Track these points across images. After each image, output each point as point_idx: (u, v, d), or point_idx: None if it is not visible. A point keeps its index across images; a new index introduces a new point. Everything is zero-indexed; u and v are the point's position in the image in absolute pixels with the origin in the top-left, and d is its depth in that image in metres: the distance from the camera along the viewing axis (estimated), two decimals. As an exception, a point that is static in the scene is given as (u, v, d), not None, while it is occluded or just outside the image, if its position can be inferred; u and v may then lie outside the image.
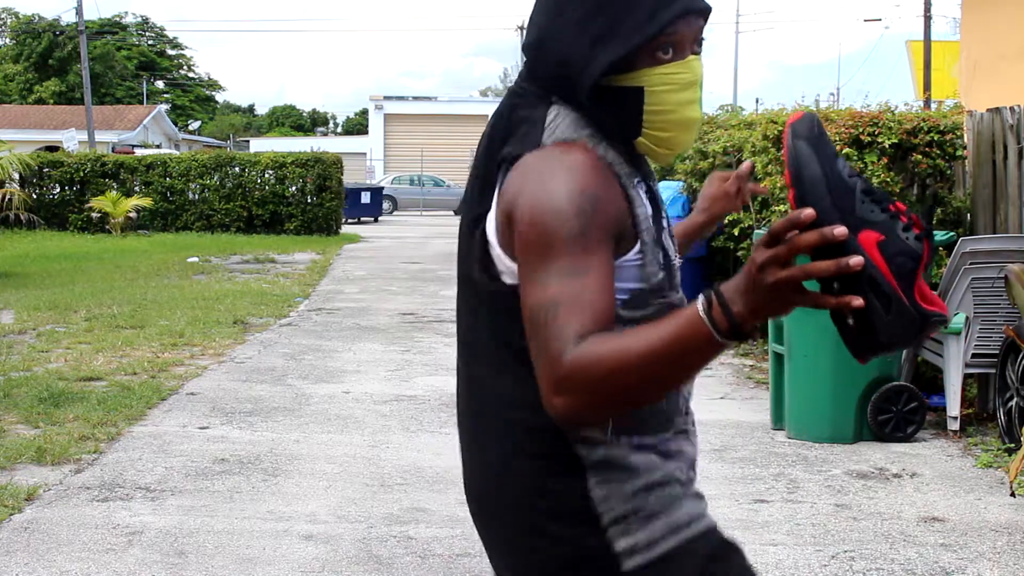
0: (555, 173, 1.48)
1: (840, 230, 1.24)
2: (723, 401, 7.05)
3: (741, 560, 1.66)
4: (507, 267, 1.55)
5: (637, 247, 1.55)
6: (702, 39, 1.60)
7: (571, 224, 1.44)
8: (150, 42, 70.41)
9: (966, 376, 6.13)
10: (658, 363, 1.34)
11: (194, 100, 70.51)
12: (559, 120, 1.58)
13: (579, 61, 1.55)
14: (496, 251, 1.56)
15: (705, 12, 1.59)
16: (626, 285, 1.54)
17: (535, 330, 1.43)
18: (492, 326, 1.61)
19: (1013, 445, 5.47)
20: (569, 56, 1.56)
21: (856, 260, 1.23)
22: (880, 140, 6.79)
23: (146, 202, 22.56)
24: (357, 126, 74.05)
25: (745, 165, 2.20)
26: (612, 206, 1.50)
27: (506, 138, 1.60)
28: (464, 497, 1.75)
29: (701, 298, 1.33)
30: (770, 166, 7.61)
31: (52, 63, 58.27)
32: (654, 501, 1.57)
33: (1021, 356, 5.55)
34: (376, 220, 30.65)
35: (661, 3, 1.53)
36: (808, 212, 1.25)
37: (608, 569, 1.56)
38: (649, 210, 1.59)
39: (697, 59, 1.59)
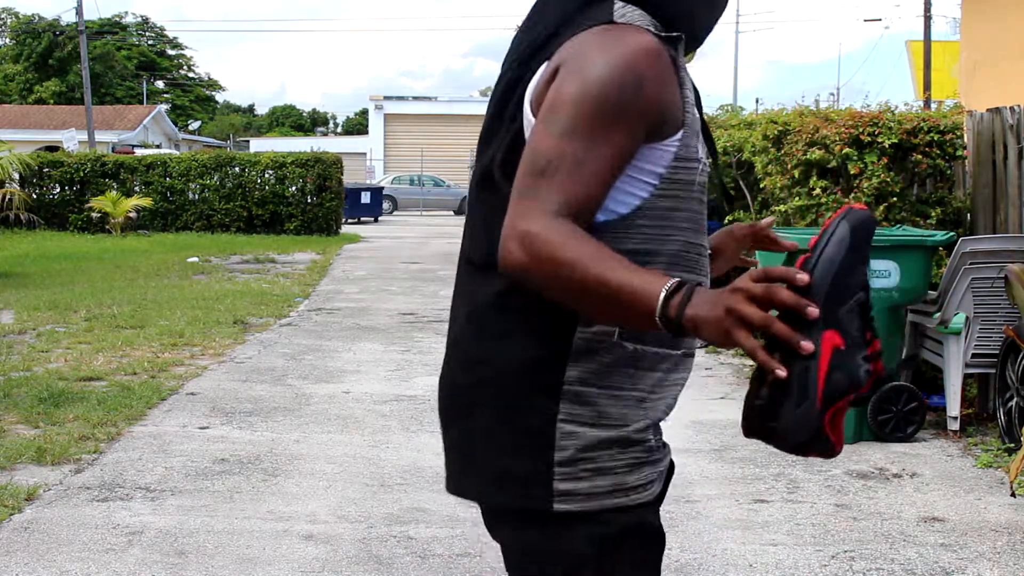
0: (615, 44, 1.46)
1: (813, 310, 1.26)
2: (723, 401, 7.05)
3: (658, 554, 1.63)
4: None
5: (680, 133, 1.54)
6: None
7: (611, 93, 1.42)
8: (150, 42, 70.42)
9: (966, 376, 6.13)
10: (599, 293, 1.35)
11: (194, 100, 70.52)
12: (628, 10, 1.56)
13: None
14: (528, 117, 1.53)
15: None
16: (658, 168, 1.53)
17: (530, 173, 1.42)
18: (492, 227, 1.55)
19: (1013, 445, 5.47)
20: None
21: (807, 343, 1.25)
22: (880, 140, 6.79)
23: (146, 202, 22.56)
24: (357, 126, 74.07)
25: (766, 221, 2.13)
26: (659, 93, 1.47)
27: (561, 25, 1.57)
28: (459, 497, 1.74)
29: (675, 281, 1.34)
30: (770, 166, 7.61)
31: (52, 63, 58.28)
32: (609, 457, 1.55)
33: (1021, 356, 5.55)
34: (376, 220, 30.65)
35: None
36: (804, 278, 1.28)
37: (539, 499, 1.55)
38: (693, 97, 1.59)
39: None
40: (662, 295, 1.32)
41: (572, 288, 1.37)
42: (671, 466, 1.73)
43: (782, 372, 1.26)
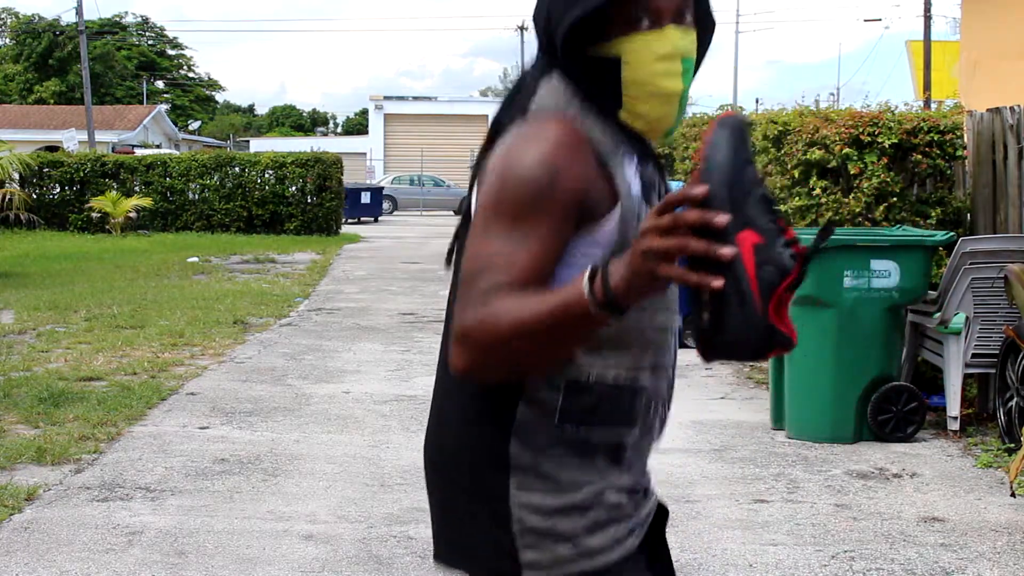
0: (528, 142, 1.51)
1: (722, 218, 1.26)
2: (723, 401, 7.05)
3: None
4: None
5: (614, 219, 1.55)
6: (686, 12, 1.57)
7: (526, 191, 1.47)
8: (150, 42, 70.42)
9: (966, 376, 6.13)
10: (543, 327, 1.37)
11: (194, 100, 70.51)
12: (549, 90, 1.60)
13: (556, 19, 1.57)
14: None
15: None
16: (596, 251, 1.54)
17: (465, 279, 1.48)
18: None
19: (1013, 445, 5.47)
20: (551, 14, 1.58)
21: (727, 250, 1.25)
22: (880, 140, 6.79)
23: (146, 202, 22.56)
24: (357, 126, 74.06)
25: None
26: (575, 182, 1.50)
27: (509, 104, 1.64)
28: None
29: (589, 269, 1.35)
30: (770, 166, 7.61)
31: (52, 63, 58.28)
32: (567, 525, 1.58)
33: (1021, 356, 5.55)
34: (376, 220, 30.64)
35: None
36: (701, 189, 1.28)
37: (508, 572, 1.60)
38: (635, 187, 1.59)
39: (678, 30, 1.55)
40: (586, 290, 1.33)
41: (524, 343, 1.40)
42: (662, 510, 1.77)
43: (718, 282, 1.26)
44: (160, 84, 69.84)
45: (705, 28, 1.65)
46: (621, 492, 1.64)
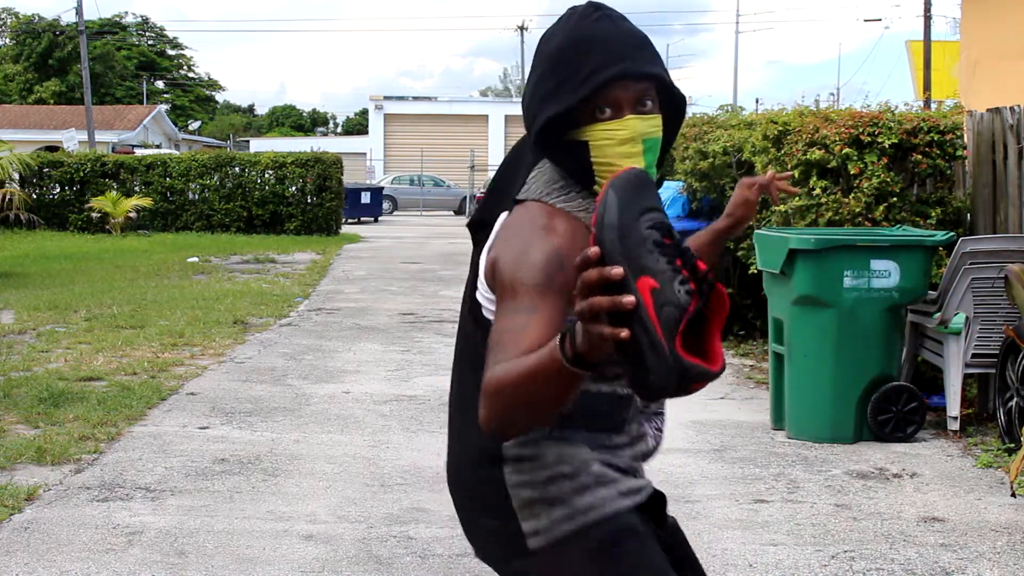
0: (531, 236, 1.75)
1: (616, 271, 1.37)
2: (723, 401, 7.05)
3: (637, 546, 1.85)
4: (488, 300, 1.84)
5: None
6: (646, 100, 1.80)
7: (536, 276, 1.70)
8: (150, 42, 70.41)
9: (966, 376, 6.13)
10: (531, 384, 1.53)
11: (194, 100, 70.51)
12: (537, 176, 1.86)
13: (532, 115, 1.84)
14: (482, 284, 1.86)
15: (646, 76, 1.79)
16: None
17: (490, 349, 1.68)
18: (477, 341, 1.87)
19: (1013, 445, 5.47)
20: (528, 110, 1.85)
21: (628, 299, 1.35)
22: (880, 140, 6.79)
23: (146, 202, 22.56)
24: (357, 126, 74.05)
25: (769, 175, 2.43)
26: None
27: (503, 187, 1.92)
28: None
29: (559, 335, 1.49)
30: (770, 166, 7.61)
31: (52, 63, 58.27)
32: (555, 490, 1.82)
33: (1021, 356, 5.55)
34: (376, 220, 30.65)
35: (597, 69, 1.76)
36: (594, 250, 1.40)
37: (520, 547, 1.85)
38: None
39: (637, 118, 1.79)
40: (558, 348, 1.48)
41: (515, 403, 1.58)
42: (660, 497, 1.99)
43: (624, 333, 1.36)
44: (160, 84, 69.83)
45: (673, 106, 1.88)
46: (606, 466, 1.85)
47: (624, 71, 1.77)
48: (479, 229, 1.92)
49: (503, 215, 1.87)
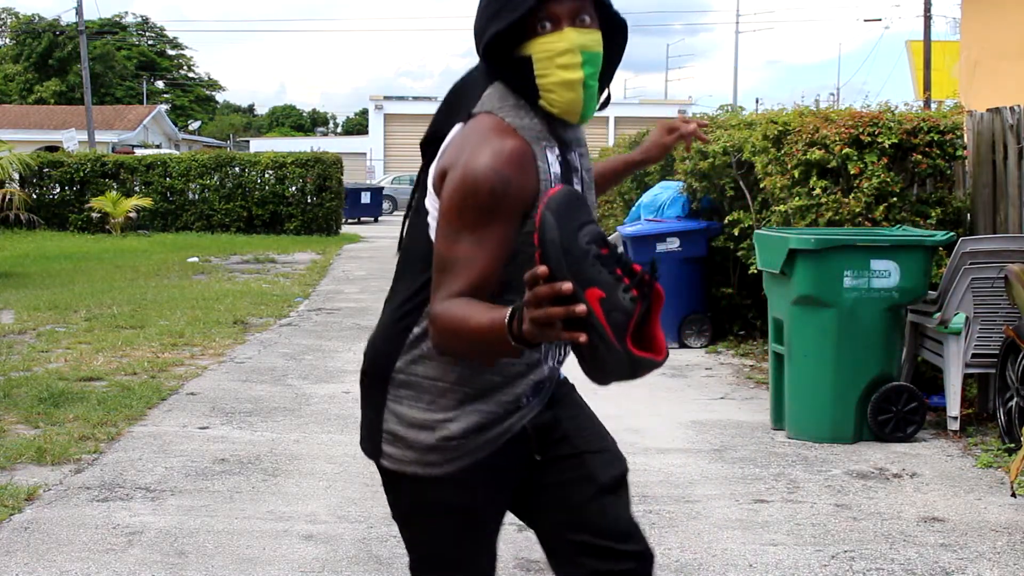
0: (481, 152, 1.87)
1: (566, 286, 1.54)
2: (723, 401, 7.05)
3: (450, 525, 2.11)
4: (433, 206, 1.97)
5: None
6: (584, 16, 1.92)
7: (483, 200, 1.84)
8: (150, 42, 70.41)
9: (966, 376, 6.13)
10: (477, 338, 1.75)
11: (194, 100, 70.51)
12: (492, 93, 1.99)
13: (479, 35, 1.97)
14: (431, 193, 2.00)
15: None
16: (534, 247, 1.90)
17: (436, 272, 1.88)
18: (412, 240, 2.08)
19: (1013, 445, 5.47)
20: (476, 31, 1.99)
21: (580, 308, 1.54)
22: (880, 140, 6.78)
23: (146, 202, 22.56)
24: (357, 126, 74.05)
25: (692, 126, 2.62)
26: (522, 189, 1.89)
27: (456, 104, 2.05)
28: None
29: (512, 309, 1.67)
30: (770, 166, 7.61)
31: (52, 63, 58.27)
32: (416, 437, 2.04)
33: (1021, 356, 5.55)
34: (376, 220, 30.65)
35: None
36: (542, 269, 1.56)
37: (376, 455, 2.15)
38: (557, 170, 1.98)
39: (574, 30, 1.92)
40: (507, 325, 1.67)
41: (460, 346, 1.84)
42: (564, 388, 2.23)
43: (582, 338, 1.56)
44: (160, 84, 69.83)
45: (615, 27, 2.02)
46: (469, 431, 2.02)
47: None
48: (431, 144, 2.06)
49: (457, 126, 2.00)
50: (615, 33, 2.03)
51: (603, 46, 1.97)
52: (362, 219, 29.63)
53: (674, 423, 6.38)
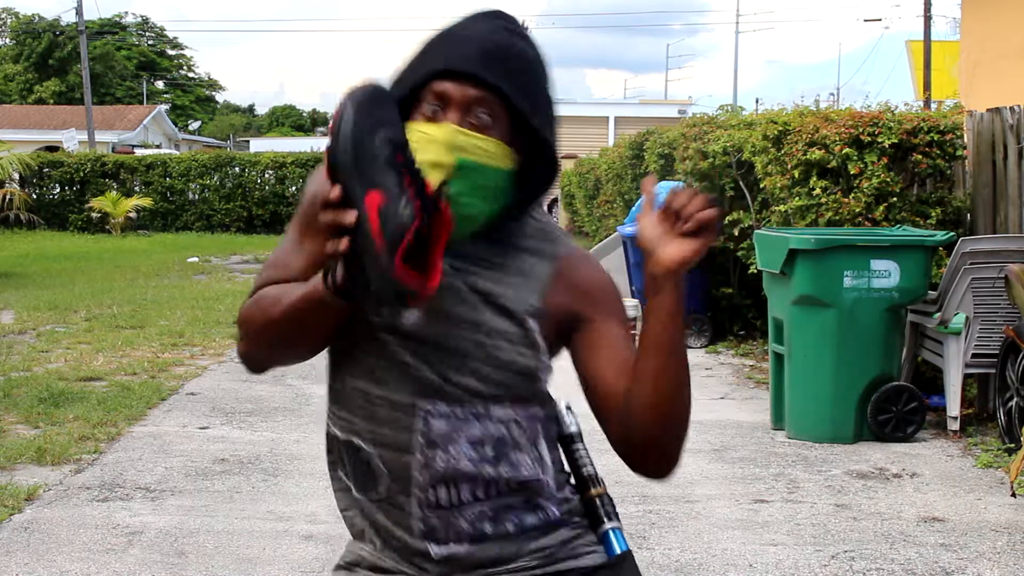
0: (317, 174, 1.74)
1: (334, 192, 1.44)
2: (723, 401, 7.05)
3: None
4: None
5: None
6: (481, 113, 1.57)
7: (301, 213, 1.79)
8: (150, 42, 70.39)
9: (966, 376, 6.12)
10: (290, 308, 1.62)
11: (194, 100, 70.49)
12: None
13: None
14: None
15: (478, 79, 1.56)
16: None
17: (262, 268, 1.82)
18: None
19: (1013, 445, 5.47)
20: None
21: (347, 215, 1.42)
22: (880, 140, 6.78)
23: (146, 202, 22.57)
24: (357, 126, 73.87)
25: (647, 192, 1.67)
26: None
27: None
28: None
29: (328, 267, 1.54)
30: (770, 166, 7.61)
31: (52, 63, 58.25)
32: (348, 523, 1.90)
33: (1021, 356, 5.55)
34: (376, 220, 30.66)
35: (432, 60, 1.60)
36: (325, 162, 1.48)
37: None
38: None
39: (456, 128, 1.56)
40: (323, 278, 1.53)
41: (269, 327, 1.70)
42: None
43: (342, 245, 1.42)
44: (160, 84, 69.81)
45: (544, 159, 1.63)
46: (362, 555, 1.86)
47: (450, 64, 1.56)
48: None
49: None
50: (542, 165, 1.63)
51: (511, 171, 1.59)
52: (362, 219, 29.67)
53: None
